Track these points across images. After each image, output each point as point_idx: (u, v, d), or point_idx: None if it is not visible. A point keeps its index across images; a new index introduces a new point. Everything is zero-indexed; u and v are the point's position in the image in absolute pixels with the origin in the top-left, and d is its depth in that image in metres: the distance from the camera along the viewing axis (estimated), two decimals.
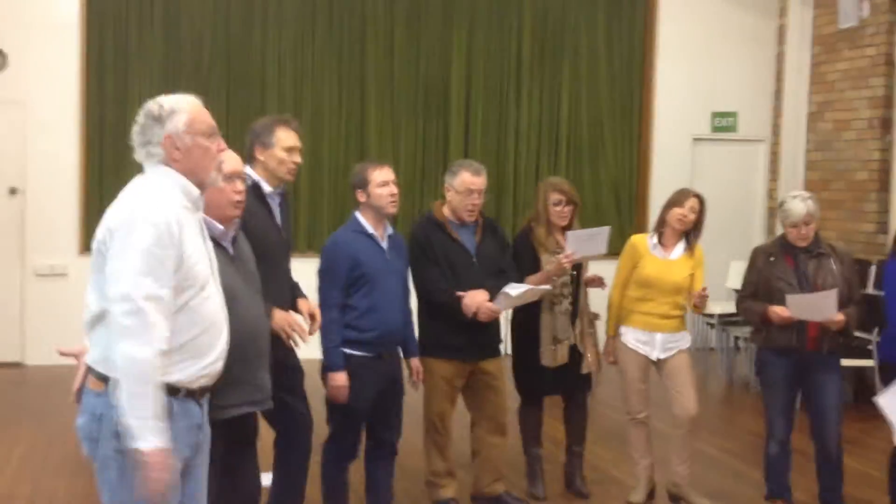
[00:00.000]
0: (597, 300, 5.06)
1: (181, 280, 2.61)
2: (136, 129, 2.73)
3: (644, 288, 4.77)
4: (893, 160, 8.22)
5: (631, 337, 4.82)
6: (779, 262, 4.58)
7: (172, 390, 2.64)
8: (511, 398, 4.89)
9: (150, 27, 8.09)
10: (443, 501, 4.65)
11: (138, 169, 2.68)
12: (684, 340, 4.84)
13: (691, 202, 4.74)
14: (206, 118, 2.77)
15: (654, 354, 4.79)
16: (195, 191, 2.74)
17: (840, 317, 4.40)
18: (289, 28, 8.40)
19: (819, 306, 4.37)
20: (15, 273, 7.87)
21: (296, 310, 3.96)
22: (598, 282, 4.94)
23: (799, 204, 4.54)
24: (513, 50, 8.97)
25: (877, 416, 4.78)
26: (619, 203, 9.26)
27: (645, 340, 4.79)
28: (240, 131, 2.82)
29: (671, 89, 9.26)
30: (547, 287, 4.61)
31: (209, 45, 8.22)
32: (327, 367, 4.12)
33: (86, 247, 8.00)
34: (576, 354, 4.84)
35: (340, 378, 4.08)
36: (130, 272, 2.52)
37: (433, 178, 8.69)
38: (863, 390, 7.02)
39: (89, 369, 2.69)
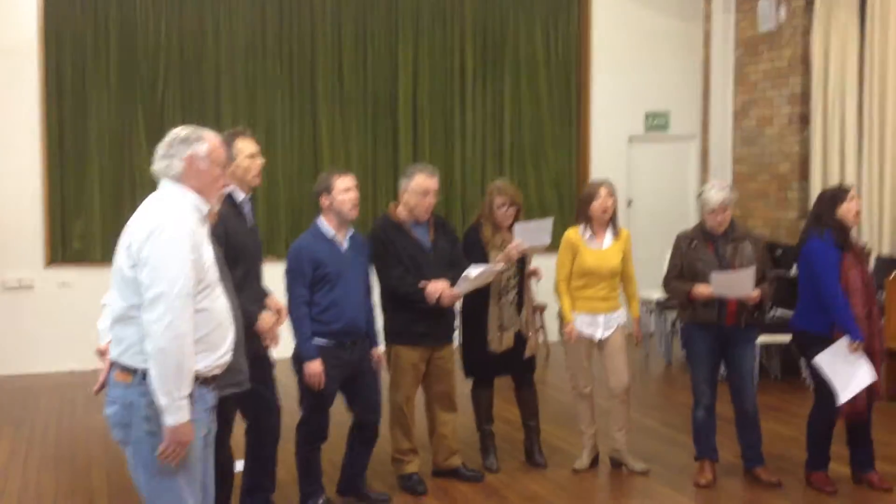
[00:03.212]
0: (542, 291, 5.54)
1: (200, 283, 3.02)
2: (161, 145, 3.14)
3: (585, 277, 5.24)
4: (811, 152, 8.84)
5: (577, 321, 5.26)
6: (700, 247, 5.07)
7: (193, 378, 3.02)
8: (461, 381, 5.34)
9: (105, 46, 8.35)
10: (407, 475, 5.08)
11: (100, 185, 2.88)
12: (621, 317, 5.33)
13: (604, 190, 5.22)
14: (224, 152, 3.22)
15: (599, 334, 5.25)
16: (205, 207, 3.15)
17: (756, 293, 4.92)
18: (240, 44, 8.72)
19: (738, 283, 4.86)
20: None
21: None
22: (536, 274, 5.46)
23: (715, 193, 5.01)
24: (456, 60, 9.41)
25: (800, 387, 5.27)
26: (562, 201, 9.75)
27: (589, 322, 5.25)
28: None
29: (606, 92, 9.80)
30: (501, 266, 5.06)
31: (163, 62, 8.51)
32: (302, 357, 4.53)
33: (51, 259, 8.27)
34: (521, 339, 5.31)
35: (315, 366, 4.51)
36: (165, 275, 2.91)
37: (384, 183, 9.10)
38: (787, 364, 7.59)
39: (113, 364, 3.06)
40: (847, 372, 4.85)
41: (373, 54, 9.15)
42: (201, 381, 3.07)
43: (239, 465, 4.41)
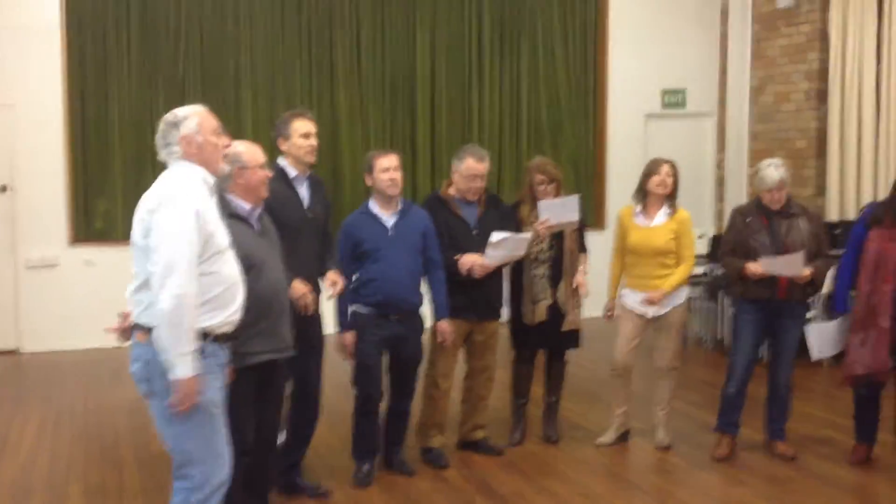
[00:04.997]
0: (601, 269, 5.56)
1: (207, 249, 3.21)
2: (158, 135, 3.34)
3: (632, 255, 5.29)
4: (828, 129, 8.83)
5: (629, 298, 5.32)
6: (754, 223, 5.08)
7: (204, 335, 3.25)
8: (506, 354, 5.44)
9: (126, 28, 8.41)
10: (428, 448, 5.18)
11: (122, 164, 2.98)
12: (678, 297, 5.30)
13: (666, 168, 5.26)
14: (213, 121, 3.38)
15: (651, 312, 5.28)
16: (211, 179, 3.35)
17: (807, 272, 4.95)
18: (259, 25, 8.77)
19: (788, 265, 4.93)
20: (8, 265, 8.22)
21: (323, 276, 4.53)
22: (580, 289, 5.37)
23: (773, 171, 5.02)
24: (473, 37, 9.42)
25: (815, 364, 5.31)
26: (579, 178, 9.78)
27: (641, 300, 5.29)
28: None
29: (623, 70, 9.81)
30: (527, 236, 5.08)
31: (184, 43, 8.57)
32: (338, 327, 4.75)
33: (75, 238, 8.39)
34: (558, 314, 5.34)
35: (344, 337, 4.74)
36: (169, 242, 3.12)
37: (402, 162, 9.13)
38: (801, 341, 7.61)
39: (136, 326, 3.27)
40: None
41: (390, 32, 9.18)
42: (213, 337, 3.28)
43: (280, 437, 4.52)
